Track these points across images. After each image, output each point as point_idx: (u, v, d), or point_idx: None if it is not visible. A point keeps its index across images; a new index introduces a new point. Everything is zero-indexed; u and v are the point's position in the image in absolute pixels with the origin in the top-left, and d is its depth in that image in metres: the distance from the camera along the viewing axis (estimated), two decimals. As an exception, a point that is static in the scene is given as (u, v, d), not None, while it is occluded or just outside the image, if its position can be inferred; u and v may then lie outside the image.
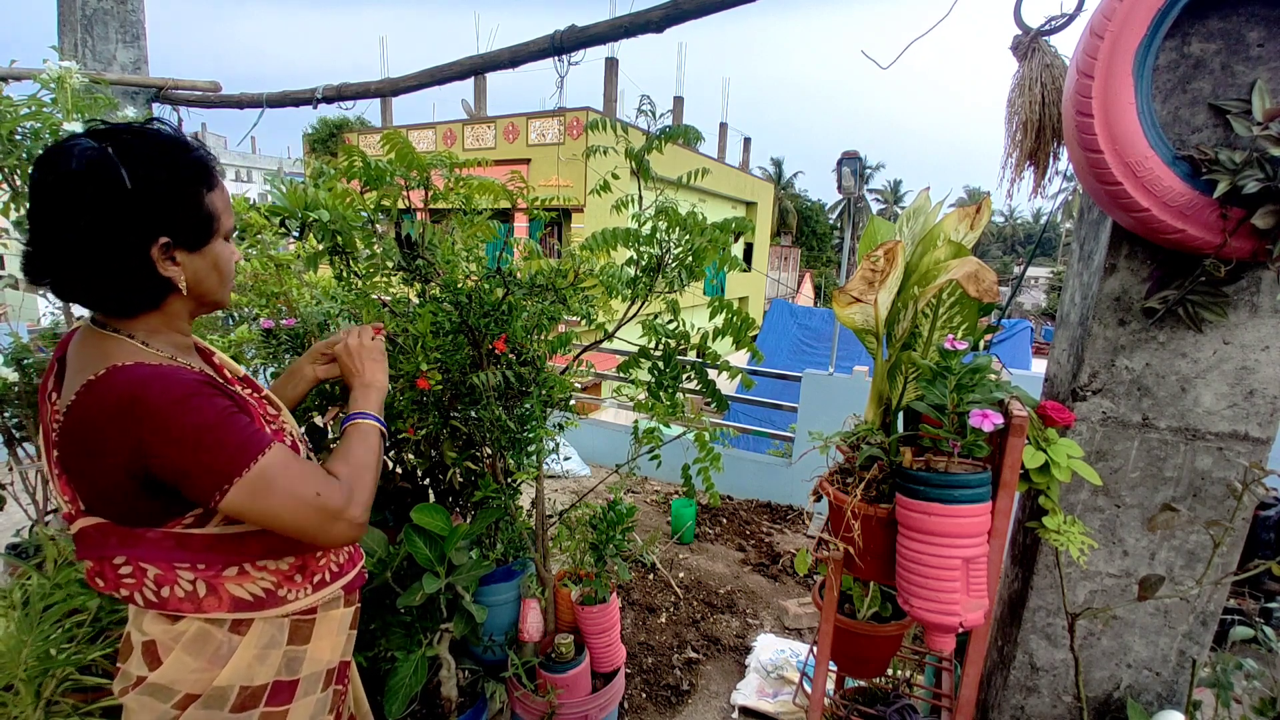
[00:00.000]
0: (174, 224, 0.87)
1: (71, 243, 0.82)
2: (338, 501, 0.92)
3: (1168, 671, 1.34)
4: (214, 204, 0.92)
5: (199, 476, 0.84)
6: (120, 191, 0.82)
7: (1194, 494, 1.24)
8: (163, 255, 0.87)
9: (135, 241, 0.84)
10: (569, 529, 2.12)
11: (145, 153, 0.85)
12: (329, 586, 1.03)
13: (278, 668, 0.97)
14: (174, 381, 0.84)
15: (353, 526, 0.94)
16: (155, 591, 0.89)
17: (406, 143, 1.53)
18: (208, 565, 0.90)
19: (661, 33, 1.99)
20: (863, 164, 6.79)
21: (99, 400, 0.82)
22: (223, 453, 0.85)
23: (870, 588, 1.49)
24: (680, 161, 10.98)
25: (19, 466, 1.93)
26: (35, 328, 2.80)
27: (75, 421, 0.83)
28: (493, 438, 1.78)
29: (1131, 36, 1.01)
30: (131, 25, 2.53)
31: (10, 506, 1.93)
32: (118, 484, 0.84)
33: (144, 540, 0.88)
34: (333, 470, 0.96)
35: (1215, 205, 1.01)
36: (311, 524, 0.90)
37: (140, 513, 0.87)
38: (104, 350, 0.87)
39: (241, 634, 0.94)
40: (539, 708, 1.87)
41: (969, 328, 1.28)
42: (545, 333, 1.82)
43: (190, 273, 0.91)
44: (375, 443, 1.06)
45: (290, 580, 0.98)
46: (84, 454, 0.84)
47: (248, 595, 0.93)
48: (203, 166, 0.91)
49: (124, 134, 0.86)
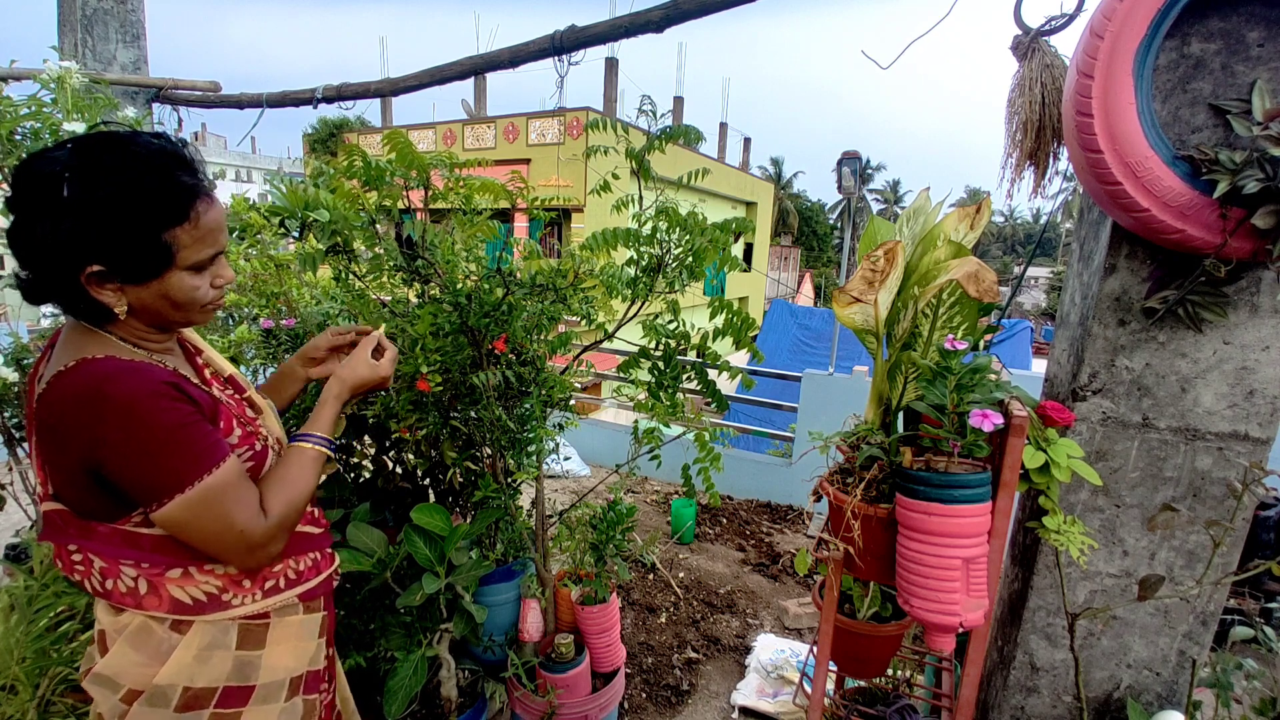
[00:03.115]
0: (108, 256, 0.83)
1: (16, 249, 0.83)
2: (257, 538, 0.91)
3: (1168, 671, 1.34)
4: (175, 239, 0.86)
5: (142, 481, 0.85)
6: (52, 215, 0.80)
7: (1194, 494, 1.24)
8: (93, 283, 0.84)
9: (63, 264, 0.82)
10: (569, 529, 2.11)
11: (104, 173, 0.81)
12: (282, 593, 1.01)
13: (226, 672, 0.95)
14: (139, 379, 0.84)
15: (266, 559, 0.95)
16: (100, 583, 0.91)
17: (407, 142, 1.53)
18: (152, 564, 0.90)
19: (661, 33, 1.99)
20: (863, 164, 6.79)
21: (65, 390, 0.83)
22: (169, 463, 0.84)
23: (870, 588, 1.49)
24: (680, 162, 10.98)
25: (19, 466, 1.93)
26: (35, 328, 2.80)
27: (45, 409, 0.84)
28: (493, 438, 1.79)
29: (1131, 36, 1.01)
30: (131, 25, 2.53)
31: (10, 506, 1.93)
32: (73, 475, 0.86)
33: (95, 533, 0.89)
34: (265, 499, 0.95)
35: (1215, 205, 1.01)
36: (226, 552, 0.91)
37: (91, 506, 0.88)
38: (81, 343, 0.88)
39: (182, 633, 0.93)
40: (539, 708, 1.87)
41: (969, 328, 1.28)
42: (545, 333, 1.82)
43: (133, 299, 0.88)
44: (312, 472, 1.03)
45: (237, 585, 0.96)
46: (49, 442, 0.85)
47: (188, 599, 0.92)
48: (172, 198, 0.85)
49: (100, 148, 0.83)
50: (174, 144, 0.89)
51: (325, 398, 1.12)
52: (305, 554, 1.06)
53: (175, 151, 0.88)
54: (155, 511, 0.85)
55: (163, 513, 0.85)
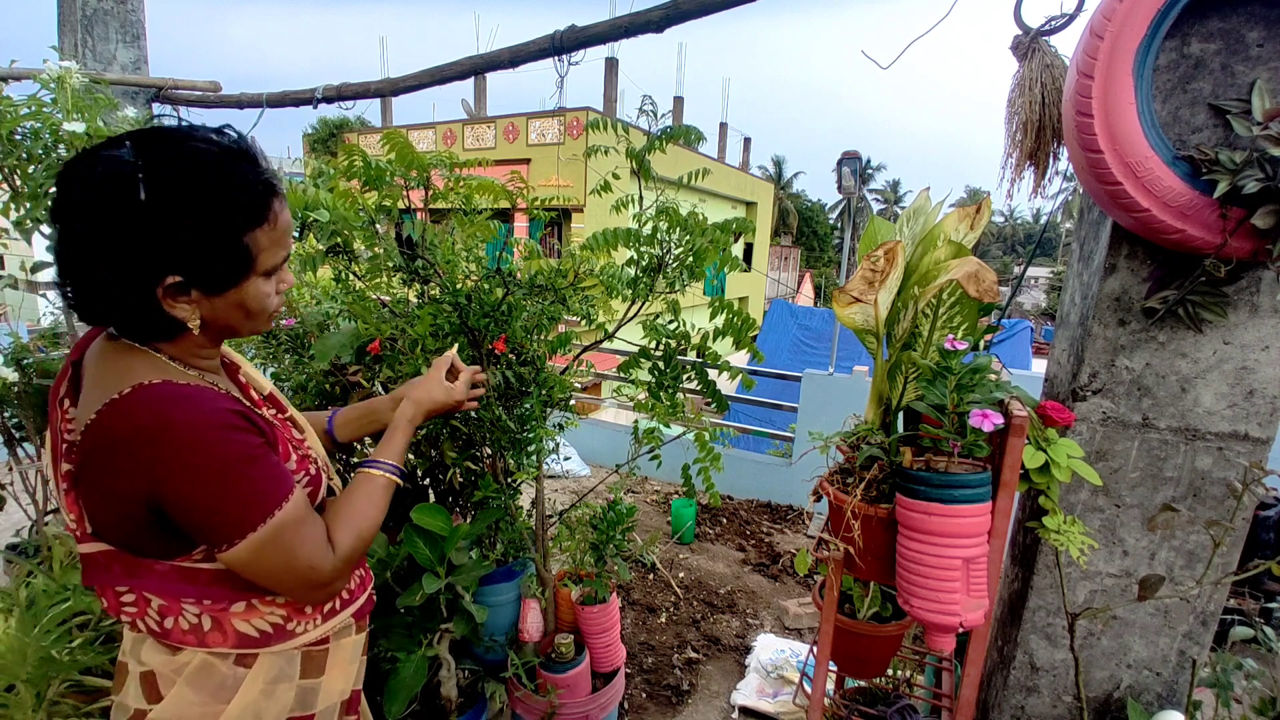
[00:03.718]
0: (189, 264, 0.76)
1: (72, 260, 0.74)
2: (325, 575, 0.86)
3: (1168, 671, 1.34)
4: (255, 242, 0.80)
5: (210, 522, 0.78)
6: (131, 221, 0.72)
7: (1194, 494, 1.24)
8: (170, 296, 0.77)
9: (138, 277, 0.75)
10: (569, 529, 2.11)
11: (182, 178, 0.74)
12: (339, 615, 0.96)
13: (290, 704, 0.90)
14: (203, 409, 0.77)
15: (330, 596, 0.91)
16: (159, 622, 0.83)
17: (407, 142, 1.53)
18: (214, 600, 0.84)
19: (661, 33, 1.99)
20: (863, 164, 6.79)
21: (121, 421, 0.74)
22: (239, 501, 0.78)
23: (870, 588, 1.49)
24: (680, 162, 10.98)
25: (19, 466, 1.93)
26: (35, 328, 2.79)
27: (94, 441, 0.75)
28: (493, 438, 1.78)
29: (1131, 37, 1.01)
30: (131, 25, 2.53)
31: (10, 506, 1.93)
32: (129, 513, 0.78)
33: (150, 572, 0.82)
34: (333, 532, 0.89)
35: (1215, 205, 1.01)
36: (292, 589, 0.86)
37: (148, 545, 0.81)
38: (128, 364, 0.79)
39: (248, 667, 0.87)
40: (539, 708, 1.87)
41: (969, 328, 1.28)
42: (545, 333, 1.82)
43: (207, 311, 0.81)
44: (383, 501, 0.98)
45: (300, 612, 0.91)
46: (98, 476, 0.77)
47: (254, 631, 0.87)
48: (253, 198, 0.79)
49: (167, 147, 0.75)
50: (241, 139, 0.82)
51: (398, 422, 1.08)
52: (353, 572, 1.02)
53: (246, 148, 0.81)
54: (224, 552, 0.79)
55: (232, 553, 0.78)
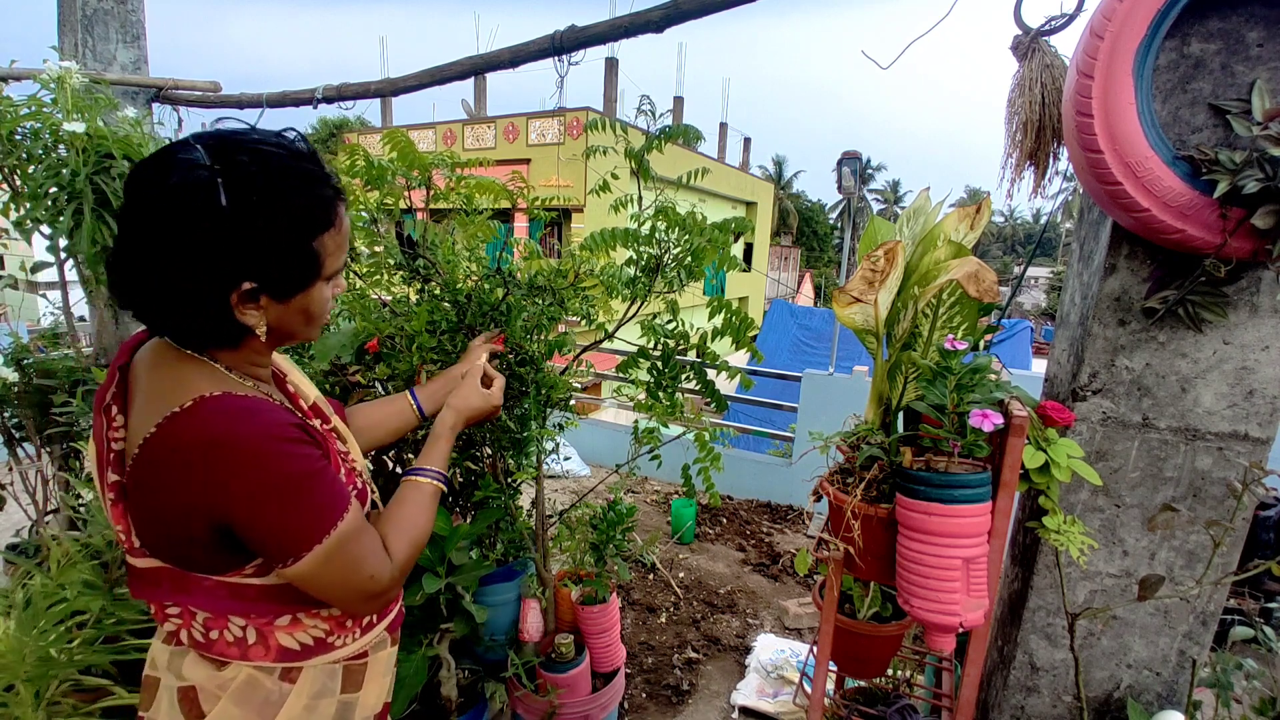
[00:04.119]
0: (263, 270, 0.76)
1: (144, 266, 0.73)
2: (384, 584, 0.86)
3: (1168, 671, 1.34)
4: (323, 246, 0.80)
5: (277, 539, 0.77)
6: (213, 227, 0.71)
7: (1194, 494, 1.24)
8: (243, 302, 0.76)
9: (214, 284, 0.74)
10: (569, 529, 2.11)
11: (259, 186, 0.73)
12: (376, 628, 0.96)
13: (330, 718, 0.90)
14: (266, 423, 0.76)
15: (383, 606, 0.91)
16: (204, 634, 0.83)
17: (408, 142, 1.53)
18: (260, 614, 0.84)
19: (661, 33, 1.98)
20: (863, 164, 6.79)
21: (185, 436, 0.73)
22: (304, 516, 0.77)
23: (870, 588, 1.49)
24: (680, 161, 10.99)
25: (19, 466, 1.93)
26: (35, 328, 2.80)
27: (154, 455, 0.74)
28: (492, 438, 1.78)
29: (1131, 37, 1.01)
30: (131, 25, 2.53)
31: (10, 506, 1.93)
32: (188, 528, 0.76)
33: (199, 587, 0.81)
34: (387, 542, 0.89)
35: (1215, 205, 1.01)
36: (350, 602, 0.85)
37: (201, 560, 0.80)
38: (186, 375, 0.78)
39: (292, 682, 0.86)
40: (539, 708, 1.87)
41: (969, 328, 1.28)
42: (545, 332, 1.82)
43: (273, 318, 0.81)
44: (432, 507, 0.99)
45: (341, 626, 0.91)
46: (157, 491, 0.75)
47: (296, 645, 0.87)
48: (326, 206, 0.79)
49: (243, 154, 0.73)
50: (304, 140, 0.81)
51: (439, 430, 1.10)
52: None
53: (311, 151, 0.80)
54: (288, 568, 0.78)
55: (296, 568, 0.78)
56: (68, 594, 1.36)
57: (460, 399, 1.16)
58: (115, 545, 1.39)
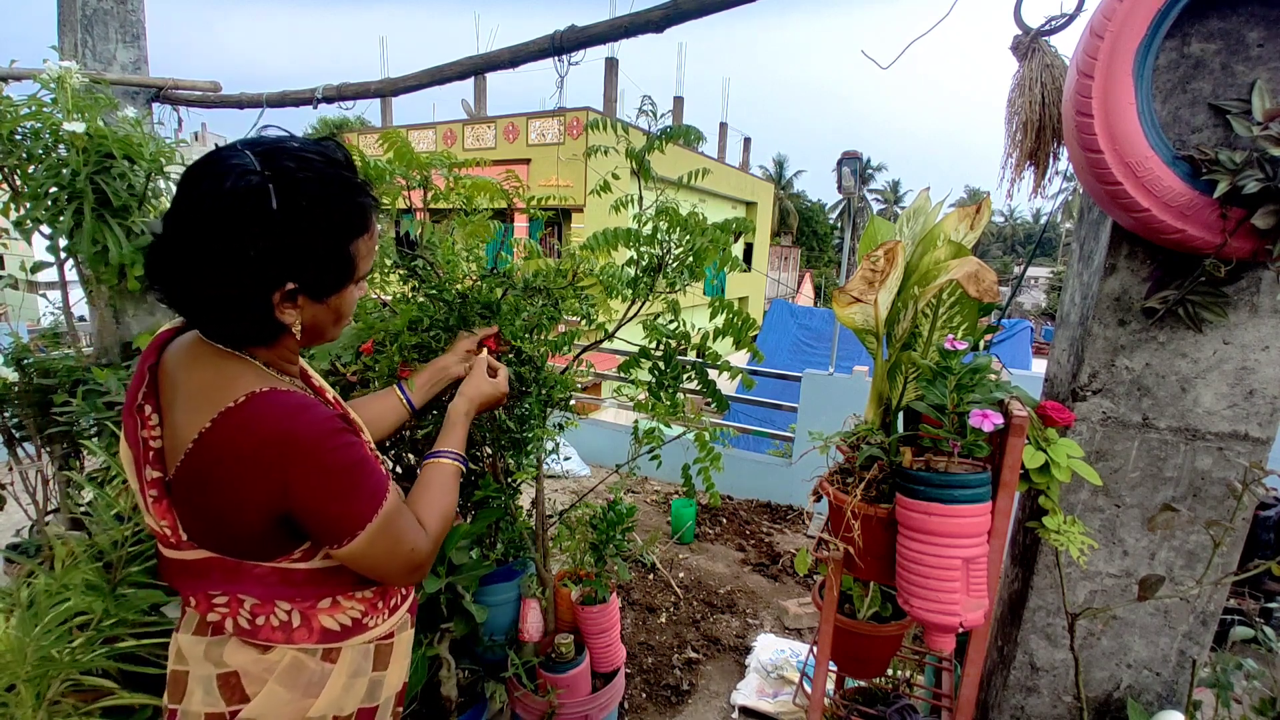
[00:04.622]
0: (306, 272, 0.80)
1: (193, 265, 0.76)
2: (424, 555, 0.93)
3: (1168, 671, 1.34)
4: (358, 250, 0.85)
5: (334, 522, 0.82)
6: (263, 231, 0.75)
7: (1194, 494, 1.24)
8: (284, 301, 0.81)
9: (261, 284, 0.78)
10: (569, 529, 2.11)
11: (305, 192, 0.77)
12: (400, 610, 1.02)
13: (362, 695, 0.95)
14: (317, 417, 0.80)
15: (424, 575, 0.98)
16: (250, 620, 0.86)
17: (405, 142, 1.53)
18: (304, 598, 0.88)
19: (661, 33, 1.98)
20: (863, 164, 6.79)
21: (244, 432, 0.77)
22: (357, 499, 0.83)
23: (870, 588, 1.49)
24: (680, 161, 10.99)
25: (19, 466, 1.93)
26: (35, 328, 2.80)
27: (211, 452, 0.77)
28: (492, 437, 1.78)
29: (1131, 37, 1.01)
30: (131, 25, 2.53)
31: (10, 506, 1.93)
32: (247, 519, 0.80)
33: (249, 575, 0.85)
34: (420, 516, 0.96)
35: (1215, 205, 1.01)
36: (396, 574, 0.92)
37: (256, 549, 0.84)
38: (230, 372, 0.81)
39: (333, 662, 0.91)
40: (539, 707, 1.87)
41: (969, 328, 1.28)
42: (545, 332, 1.82)
43: (308, 317, 0.85)
44: (454, 485, 1.08)
45: (374, 608, 0.96)
46: (217, 486, 0.79)
47: (336, 626, 0.91)
48: (363, 213, 0.84)
49: (290, 161, 0.77)
50: (341, 148, 0.86)
51: (454, 417, 1.19)
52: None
53: (347, 158, 0.85)
54: (341, 548, 0.84)
55: (348, 548, 0.84)
56: (70, 594, 1.36)
57: (472, 387, 1.25)
58: (120, 545, 1.39)
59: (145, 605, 1.38)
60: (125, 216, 1.76)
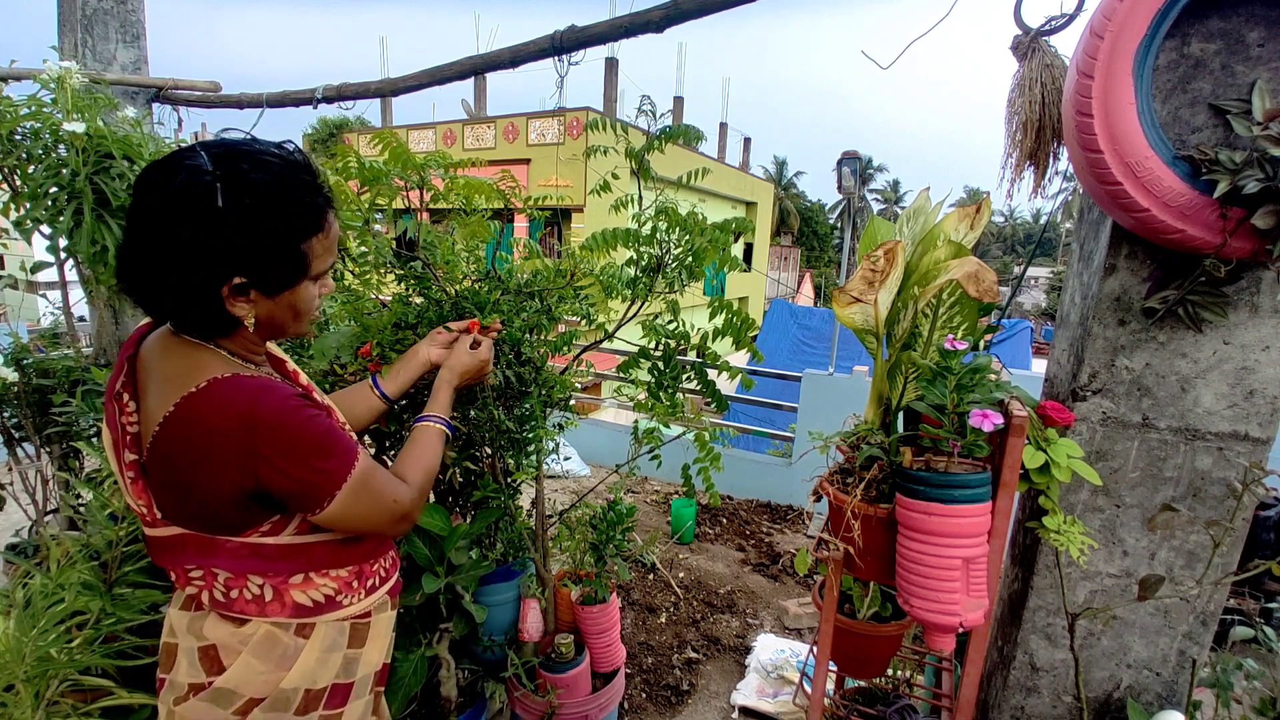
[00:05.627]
0: (254, 268, 0.84)
1: (144, 261, 0.81)
2: (407, 506, 1.00)
3: (1168, 671, 1.34)
4: (311, 249, 0.88)
5: (307, 490, 0.87)
6: (208, 225, 0.79)
7: (1194, 494, 1.24)
8: (233, 295, 0.84)
9: (207, 278, 0.82)
10: (569, 529, 2.11)
11: (255, 191, 0.81)
12: (378, 591, 1.06)
13: (337, 670, 0.99)
14: (281, 395, 0.85)
15: (412, 524, 1.04)
16: (225, 593, 0.91)
17: (400, 143, 1.53)
18: (276, 573, 0.92)
19: (661, 33, 1.98)
20: (863, 164, 6.79)
21: (207, 413, 0.82)
22: (326, 465, 0.88)
23: (870, 588, 1.49)
24: (680, 161, 10.98)
25: (19, 466, 1.93)
26: (35, 328, 2.79)
27: (175, 433, 0.82)
28: (492, 438, 1.78)
29: (1131, 37, 1.01)
30: (131, 25, 2.52)
31: (10, 506, 1.93)
32: (217, 495, 0.85)
33: (221, 549, 0.89)
34: (401, 473, 1.04)
35: (1215, 205, 1.01)
36: (384, 525, 0.98)
37: (226, 523, 0.88)
38: (196, 360, 0.86)
39: (306, 637, 0.95)
40: (539, 708, 1.87)
41: (969, 328, 1.28)
42: (545, 333, 1.82)
43: (263, 312, 0.89)
44: (438, 446, 1.14)
45: (349, 586, 1.00)
46: (183, 465, 0.84)
47: (309, 601, 0.95)
48: (314, 210, 0.87)
49: (245, 163, 0.81)
50: (301, 153, 0.89)
51: (439, 385, 1.26)
52: (386, 553, 1.11)
53: (307, 161, 0.89)
54: (323, 511, 0.89)
55: (330, 510, 0.89)
56: (67, 594, 1.36)
57: (455, 359, 1.31)
58: (114, 545, 1.40)
59: (143, 605, 1.38)
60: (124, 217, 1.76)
